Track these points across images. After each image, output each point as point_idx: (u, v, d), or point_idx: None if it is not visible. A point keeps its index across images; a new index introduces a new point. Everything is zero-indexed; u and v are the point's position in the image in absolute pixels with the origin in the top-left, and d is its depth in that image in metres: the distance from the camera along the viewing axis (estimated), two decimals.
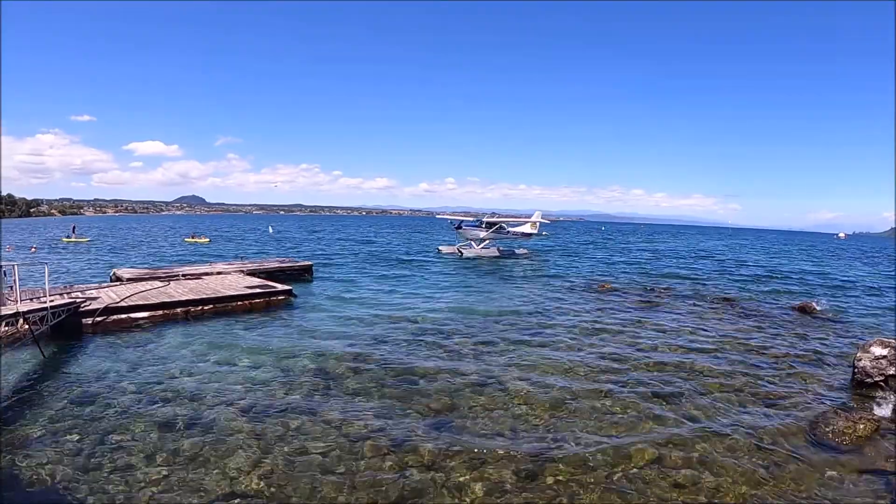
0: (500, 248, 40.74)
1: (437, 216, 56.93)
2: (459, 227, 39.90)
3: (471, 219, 43.42)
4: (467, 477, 6.91)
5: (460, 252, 38.66)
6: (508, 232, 41.35)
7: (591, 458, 7.48)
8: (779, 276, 34.31)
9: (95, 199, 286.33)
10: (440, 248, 43.51)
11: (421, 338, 14.26)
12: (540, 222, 44.12)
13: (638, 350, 13.54)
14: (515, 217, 45.19)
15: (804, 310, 19.73)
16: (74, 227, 58.54)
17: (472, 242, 39.15)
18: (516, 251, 41.84)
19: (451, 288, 24.44)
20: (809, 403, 9.88)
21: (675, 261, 44.31)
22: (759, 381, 11.16)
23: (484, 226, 39.51)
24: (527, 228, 43.25)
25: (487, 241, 39.22)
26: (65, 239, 49.67)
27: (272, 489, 6.54)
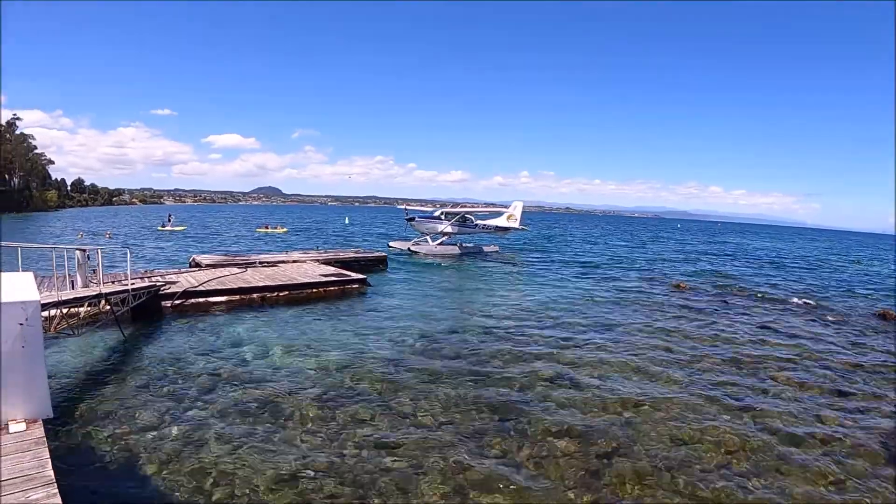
0: (463, 245, 34.13)
1: (398, 206, 46.97)
2: (412, 220, 33.18)
3: (429, 209, 36.70)
4: (536, 472, 6.81)
5: (410, 250, 32.66)
6: (476, 225, 34.92)
7: (657, 458, 7.26)
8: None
9: (175, 189, 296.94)
10: (391, 244, 36.03)
11: (493, 332, 13.81)
12: (522, 214, 36.84)
13: (712, 352, 12.73)
14: (489, 207, 37.54)
15: (885, 317, 18.78)
16: (171, 216, 59.01)
17: (429, 238, 33.09)
18: (485, 248, 35.39)
19: (527, 283, 23.66)
20: (887, 415, 9.36)
21: (759, 265, 41.65)
22: (836, 390, 10.59)
23: (444, 217, 33.15)
24: (502, 222, 36.28)
25: (446, 237, 33.03)
26: (160, 227, 50.38)
27: (339, 473, 6.50)
